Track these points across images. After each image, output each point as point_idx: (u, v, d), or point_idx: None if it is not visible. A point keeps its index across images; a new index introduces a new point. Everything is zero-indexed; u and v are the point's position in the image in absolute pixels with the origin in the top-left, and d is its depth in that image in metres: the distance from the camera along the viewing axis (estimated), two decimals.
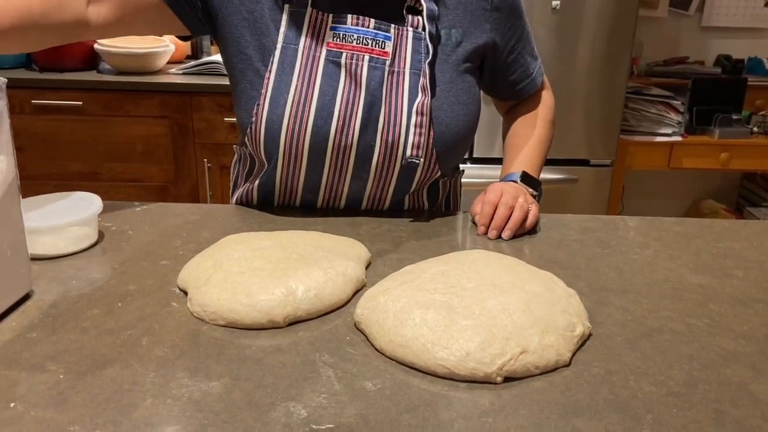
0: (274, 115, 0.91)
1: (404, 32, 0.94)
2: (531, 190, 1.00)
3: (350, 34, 0.92)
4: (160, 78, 2.28)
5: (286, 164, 0.96)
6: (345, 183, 0.98)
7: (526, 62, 1.06)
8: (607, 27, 2.34)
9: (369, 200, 1.01)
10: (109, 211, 0.95)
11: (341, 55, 0.92)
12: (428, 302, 0.63)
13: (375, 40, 0.93)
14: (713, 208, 3.13)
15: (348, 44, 0.92)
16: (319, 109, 0.91)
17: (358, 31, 0.92)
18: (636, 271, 0.82)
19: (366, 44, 0.93)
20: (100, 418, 0.51)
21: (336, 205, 1.02)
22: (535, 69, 1.09)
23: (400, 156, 0.95)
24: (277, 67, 0.92)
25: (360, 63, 0.92)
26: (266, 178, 1.00)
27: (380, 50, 0.93)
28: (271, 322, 0.65)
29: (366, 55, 0.92)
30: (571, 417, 0.53)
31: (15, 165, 0.67)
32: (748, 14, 3.03)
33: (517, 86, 1.08)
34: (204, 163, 2.30)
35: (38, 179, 2.30)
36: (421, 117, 0.92)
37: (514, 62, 1.05)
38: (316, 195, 1.00)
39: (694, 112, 2.73)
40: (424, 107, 0.92)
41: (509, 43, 1.02)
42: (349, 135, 0.93)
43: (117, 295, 0.71)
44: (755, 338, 0.66)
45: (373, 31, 0.93)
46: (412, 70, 0.94)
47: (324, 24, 0.93)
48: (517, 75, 1.07)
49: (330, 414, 0.52)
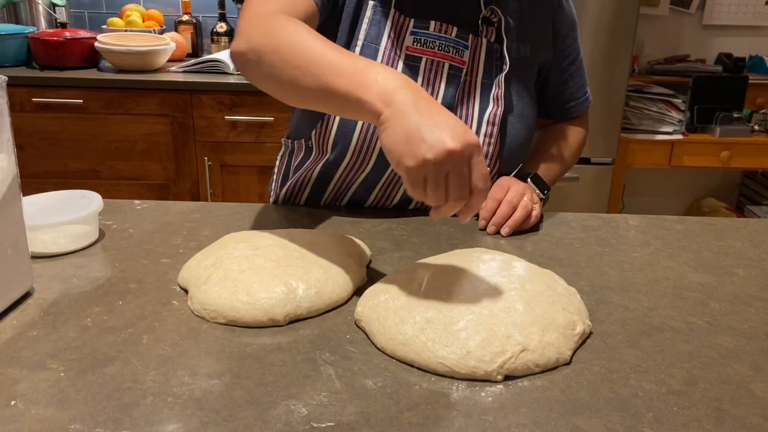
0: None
1: (480, 42, 0.95)
2: (538, 191, 1.00)
3: (432, 40, 0.93)
4: (161, 76, 2.28)
5: (354, 159, 0.96)
6: (402, 185, 0.99)
7: (577, 84, 1.09)
8: (607, 25, 2.33)
9: (418, 203, 1.02)
10: (109, 210, 0.95)
11: (420, 59, 0.93)
12: (429, 300, 0.63)
13: (456, 48, 0.94)
14: (714, 207, 3.13)
15: (429, 50, 0.93)
16: None
17: (440, 38, 0.93)
18: (636, 269, 0.82)
19: (447, 51, 0.94)
20: (100, 416, 0.51)
21: (386, 205, 1.03)
22: (586, 93, 1.12)
23: None
24: None
25: (440, 69, 0.93)
26: (324, 172, 1.00)
27: (459, 59, 0.94)
28: (272, 321, 0.65)
29: (446, 63, 0.94)
30: (572, 415, 0.53)
31: (15, 163, 0.67)
32: (750, 12, 3.02)
33: (565, 105, 1.11)
34: (204, 162, 2.30)
35: (39, 177, 2.30)
36: (492, 127, 0.94)
37: (565, 82, 1.08)
38: (370, 193, 1.01)
39: (695, 110, 2.73)
40: (495, 117, 0.94)
41: (564, 62, 1.06)
42: None
43: (117, 293, 0.71)
44: (756, 336, 0.66)
45: (454, 39, 0.94)
46: (484, 80, 0.96)
47: (405, 27, 0.93)
48: (566, 95, 1.09)
49: (330, 412, 0.52)
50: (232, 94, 2.22)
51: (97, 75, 2.26)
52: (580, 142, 1.15)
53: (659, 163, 2.71)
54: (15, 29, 2.36)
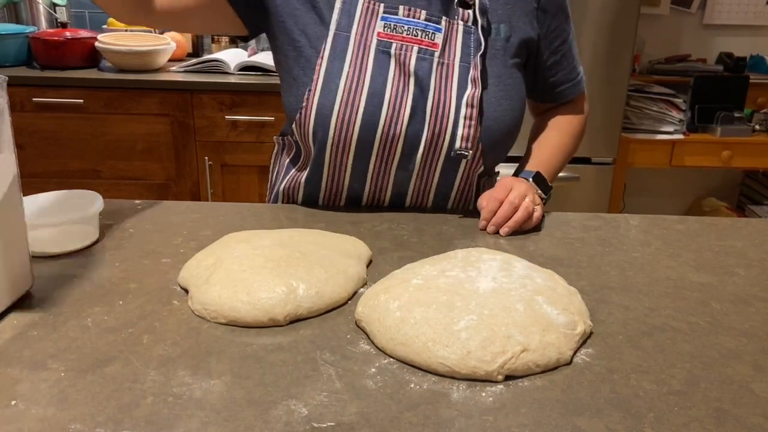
0: (326, 101, 0.93)
1: (455, 25, 0.95)
2: (540, 192, 1.00)
3: (401, 25, 0.94)
4: (161, 76, 2.28)
5: (334, 151, 0.96)
6: (391, 173, 0.99)
7: (569, 66, 1.08)
8: (608, 24, 2.33)
9: (413, 196, 1.02)
10: (110, 209, 0.95)
11: (391, 45, 0.94)
12: (429, 300, 0.63)
13: (425, 32, 0.94)
14: (715, 206, 3.13)
15: (398, 35, 0.94)
16: (370, 96, 0.93)
17: (409, 23, 0.94)
18: (637, 269, 0.82)
19: (416, 35, 0.94)
20: (101, 416, 0.51)
21: (381, 200, 1.03)
22: (578, 75, 1.10)
23: (446, 147, 0.96)
24: (329, 54, 0.93)
25: (408, 53, 0.94)
26: (313, 171, 1.00)
27: (429, 41, 0.94)
28: (272, 321, 0.65)
29: (415, 46, 0.94)
30: (572, 415, 0.53)
31: (16, 163, 0.67)
32: (750, 12, 3.02)
33: (557, 89, 1.09)
34: (205, 161, 2.30)
35: (39, 177, 2.30)
36: (470, 109, 0.94)
37: (557, 64, 1.06)
38: (362, 185, 1.01)
39: (695, 110, 2.73)
40: (474, 99, 0.93)
41: (553, 43, 1.04)
42: (398, 122, 0.94)
43: (118, 293, 0.71)
44: (757, 336, 0.66)
45: (423, 22, 0.94)
46: (461, 63, 0.95)
47: (375, 14, 0.94)
48: (558, 77, 1.08)
49: (331, 412, 0.52)
50: (233, 93, 2.22)
51: (97, 75, 2.26)
52: (580, 128, 1.13)
53: (660, 162, 2.71)
54: (15, 29, 2.36)
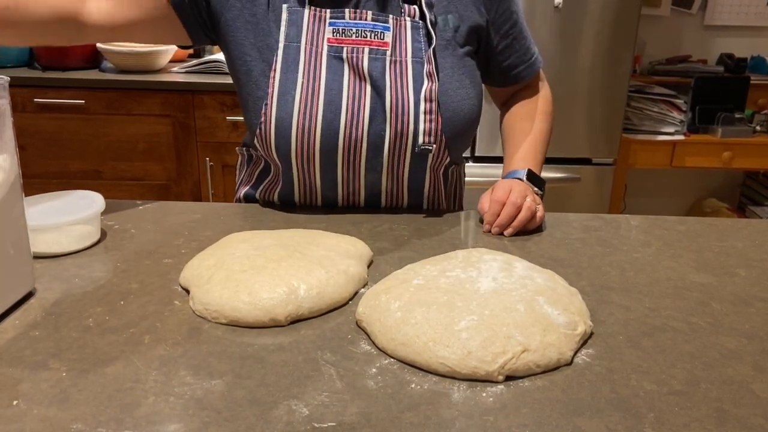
0: (284, 113, 0.92)
1: (402, 22, 0.95)
2: (536, 189, 1.00)
3: (349, 28, 0.94)
4: (163, 77, 2.28)
5: (300, 163, 0.96)
6: (360, 176, 0.99)
7: (522, 47, 1.07)
8: (609, 25, 2.33)
9: (387, 196, 1.02)
10: (111, 210, 0.95)
11: (342, 49, 0.94)
12: (430, 300, 0.63)
13: (373, 32, 0.94)
14: (715, 207, 3.13)
15: (347, 38, 0.94)
16: (327, 103, 0.92)
17: (357, 25, 0.94)
18: (638, 269, 0.82)
19: (365, 37, 0.94)
20: (102, 415, 0.51)
21: (357, 202, 1.03)
22: (533, 55, 1.09)
23: (410, 144, 0.96)
24: (281, 66, 0.92)
25: (360, 56, 0.94)
26: (285, 185, 1.01)
27: (379, 41, 0.94)
28: (273, 321, 0.65)
29: (366, 48, 0.94)
30: (573, 416, 0.53)
31: (18, 164, 0.67)
32: (751, 13, 3.02)
33: (513, 71, 1.08)
34: (206, 162, 2.30)
35: (41, 178, 2.30)
36: (429, 103, 0.94)
37: (508, 47, 1.05)
38: (335, 191, 1.01)
39: (696, 110, 2.73)
40: (431, 93, 0.93)
41: (503, 27, 1.03)
42: (359, 126, 0.94)
43: (119, 294, 0.71)
44: (757, 337, 0.66)
45: (371, 23, 0.94)
46: (414, 59, 0.95)
47: (323, 20, 0.94)
48: (512, 60, 1.07)
49: (332, 412, 0.52)
50: (234, 94, 2.22)
51: (98, 75, 2.27)
52: (547, 107, 1.13)
53: (661, 163, 2.71)
54: None
